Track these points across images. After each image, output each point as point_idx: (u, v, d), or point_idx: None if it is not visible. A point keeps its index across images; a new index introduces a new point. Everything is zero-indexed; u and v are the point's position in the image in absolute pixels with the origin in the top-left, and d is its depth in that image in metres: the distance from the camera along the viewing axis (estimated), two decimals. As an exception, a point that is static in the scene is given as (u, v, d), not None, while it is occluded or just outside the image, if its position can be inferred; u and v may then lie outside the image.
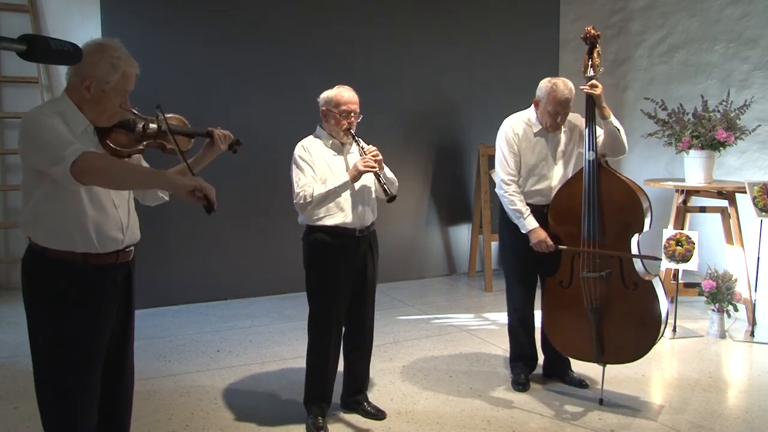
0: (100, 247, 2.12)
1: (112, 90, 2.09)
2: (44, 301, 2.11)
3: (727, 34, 5.74)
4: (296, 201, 3.01)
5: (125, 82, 2.12)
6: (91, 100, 2.10)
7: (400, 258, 6.11)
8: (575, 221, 3.33)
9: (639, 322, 3.25)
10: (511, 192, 3.45)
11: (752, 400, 3.51)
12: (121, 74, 2.09)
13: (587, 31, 3.38)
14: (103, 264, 2.14)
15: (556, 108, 3.36)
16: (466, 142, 6.37)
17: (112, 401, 2.32)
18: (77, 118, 2.09)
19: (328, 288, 3.08)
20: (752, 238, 4.75)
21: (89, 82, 2.07)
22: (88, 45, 2.07)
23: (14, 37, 1.39)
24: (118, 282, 2.22)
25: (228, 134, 2.47)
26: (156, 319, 4.86)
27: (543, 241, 3.37)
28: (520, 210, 3.43)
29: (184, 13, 5.14)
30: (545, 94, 3.38)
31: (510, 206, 3.46)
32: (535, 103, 3.47)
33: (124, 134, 2.20)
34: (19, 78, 5.54)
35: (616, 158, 3.55)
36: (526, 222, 3.42)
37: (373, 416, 3.25)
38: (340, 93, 3.08)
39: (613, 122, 3.35)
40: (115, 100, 2.11)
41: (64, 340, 2.09)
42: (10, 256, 5.64)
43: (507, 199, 3.46)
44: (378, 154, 3.01)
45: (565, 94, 3.33)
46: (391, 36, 5.93)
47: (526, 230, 3.42)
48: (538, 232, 3.39)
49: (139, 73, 2.19)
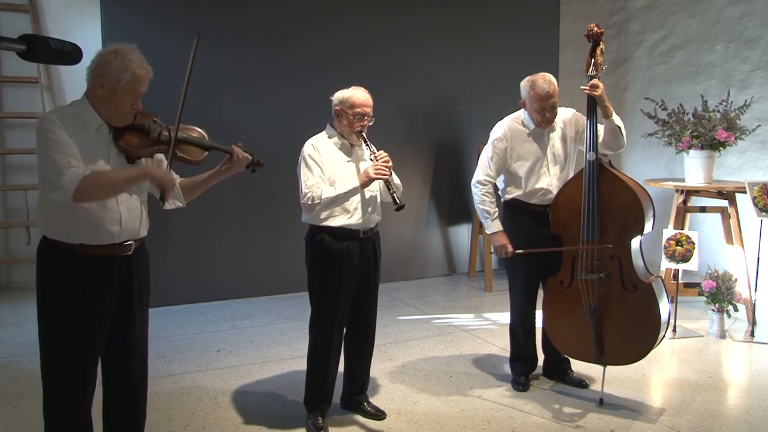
0: (95, 239, 2.23)
1: (123, 89, 2.21)
2: (46, 288, 2.25)
3: (727, 34, 5.74)
4: (303, 201, 2.99)
5: (136, 83, 2.23)
6: (104, 98, 2.22)
7: (400, 258, 6.11)
8: (575, 221, 3.32)
9: (638, 324, 3.24)
10: (484, 192, 3.51)
11: (752, 400, 3.51)
12: (132, 74, 2.21)
13: (591, 29, 3.37)
14: (99, 255, 2.24)
15: (541, 104, 3.37)
16: (466, 142, 6.37)
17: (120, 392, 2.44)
18: (92, 117, 2.23)
19: (330, 289, 3.07)
20: (752, 238, 4.75)
21: (102, 80, 2.20)
22: (106, 47, 2.25)
23: (14, 37, 1.39)
24: (114, 274, 2.29)
25: (247, 156, 2.53)
26: (156, 319, 4.80)
27: (503, 246, 3.44)
28: (488, 210, 3.49)
29: (185, 13, 5.13)
30: (527, 94, 3.41)
31: (480, 205, 3.52)
32: (522, 105, 3.49)
33: (137, 137, 2.31)
34: (19, 78, 5.54)
35: (614, 153, 3.54)
36: (492, 224, 3.49)
37: (373, 416, 3.24)
38: (355, 94, 3.06)
39: (615, 121, 3.34)
40: (125, 100, 2.23)
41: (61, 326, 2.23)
42: (10, 256, 5.63)
43: (478, 198, 3.52)
44: (389, 160, 3.00)
45: (545, 89, 3.34)
46: (392, 36, 5.93)
47: (489, 231, 3.51)
48: (499, 236, 3.47)
49: (152, 77, 2.30)
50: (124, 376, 2.43)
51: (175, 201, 2.55)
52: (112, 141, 2.27)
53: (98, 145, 2.23)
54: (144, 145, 2.31)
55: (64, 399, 2.28)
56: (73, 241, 2.21)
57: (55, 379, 2.27)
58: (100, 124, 2.24)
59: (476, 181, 3.55)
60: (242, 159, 2.51)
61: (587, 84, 3.29)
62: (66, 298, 2.22)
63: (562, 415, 3.30)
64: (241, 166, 2.53)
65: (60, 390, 2.27)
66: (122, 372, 2.42)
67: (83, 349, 2.27)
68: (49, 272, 2.24)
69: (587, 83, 3.29)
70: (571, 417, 3.28)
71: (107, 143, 2.26)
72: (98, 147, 2.23)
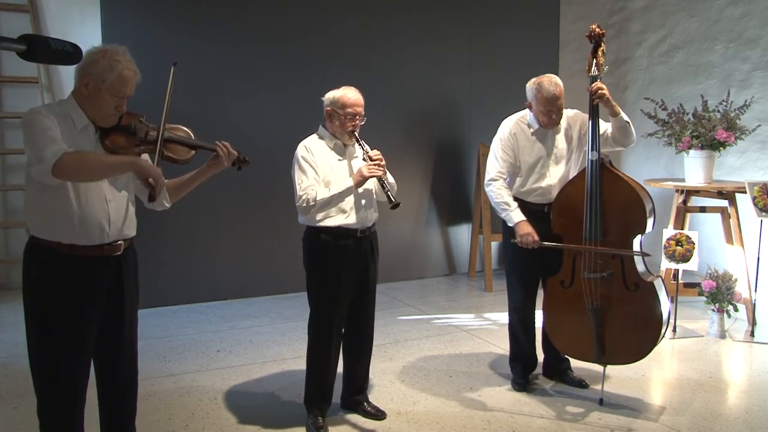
0: (83, 239, 2.21)
1: (108, 89, 2.19)
2: (34, 288, 2.24)
3: (727, 34, 5.74)
4: (299, 204, 2.99)
5: (121, 84, 2.20)
6: (89, 97, 2.21)
7: (400, 258, 6.11)
8: (577, 221, 3.32)
9: (640, 323, 3.25)
10: (499, 186, 3.48)
11: (752, 400, 3.51)
12: (117, 75, 2.18)
13: (592, 30, 3.38)
14: (87, 255, 2.23)
15: (548, 107, 3.37)
16: (466, 142, 6.37)
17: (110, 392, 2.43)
18: (78, 116, 2.21)
19: (329, 289, 3.07)
20: (752, 238, 4.75)
21: (87, 78, 2.18)
22: (96, 47, 2.22)
23: (14, 37, 1.39)
24: (103, 274, 2.28)
25: (233, 153, 2.49)
26: (156, 319, 4.85)
27: (529, 234, 3.37)
28: (507, 202, 3.45)
29: (184, 13, 5.13)
30: (533, 96, 3.41)
31: (497, 199, 3.47)
32: (528, 106, 3.49)
33: (124, 137, 2.29)
34: (19, 78, 5.54)
35: (624, 149, 3.54)
36: (512, 214, 3.43)
37: (373, 416, 3.24)
38: (346, 94, 3.05)
39: (623, 118, 3.36)
40: (109, 100, 2.21)
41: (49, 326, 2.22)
42: (10, 256, 5.64)
43: (494, 192, 3.48)
44: (382, 159, 3.00)
45: (551, 92, 3.34)
46: (392, 36, 5.93)
47: (512, 223, 3.43)
48: (524, 225, 3.39)
49: (140, 80, 2.27)
50: (114, 376, 2.41)
51: (162, 201, 2.50)
52: (99, 141, 2.25)
53: (84, 144, 2.21)
54: (130, 145, 2.29)
55: (55, 401, 2.26)
56: (62, 240, 2.19)
57: (46, 381, 2.25)
58: (86, 123, 2.22)
59: (489, 179, 3.53)
60: (228, 156, 2.46)
61: (592, 87, 3.27)
62: (54, 299, 2.20)
63: (562, 415, 3.30)
64: (227, 163, 2.47)
65: (51, 392, 2.25)
66: (112, 373, 2.41)
67: (72, 350, 2.24)
68: (37, 273, 2.22)
69: (590, 84, 3.30)
70: (571, 417, 3.28)
71: (93, 143, 2.24)
72: (84, 146, 2.20)
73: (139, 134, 2.30)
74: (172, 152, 2.38)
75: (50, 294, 2.21)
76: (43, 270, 2.21)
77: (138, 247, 2.47)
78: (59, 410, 2.27)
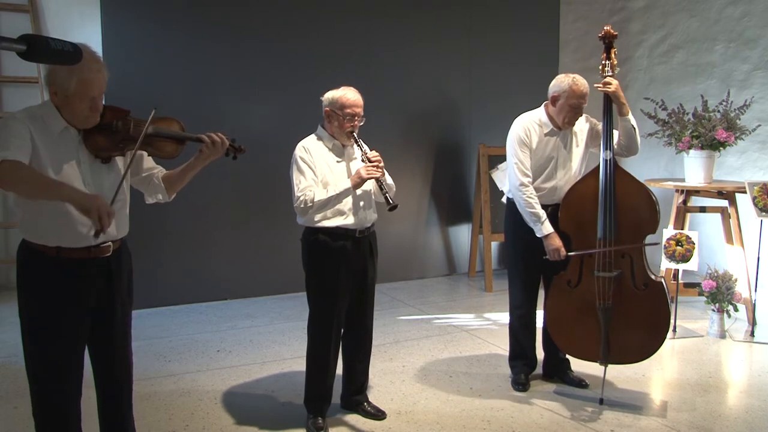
0: (70, 242, 2.19)
1: (75, 96, 2.12)
2: (25, 290, 2.23)
3: (727, 34, 5.74)
4: (296, 205, 2.99)
5: (85, 89, 2.12)
6: (61, 104, 2.15)
7: (400, 258, 6.11)
8: (586, 219, 3.33)
9: (648, 322, 3.26)
10: (529, 194, 3.40)
11: (752, 400, 3.51)
12: (78, 81, 2.10)
13: (606, 31, 3.43)
14: (75, 258, 2.20)
15: (579, 101, 3.36)
16: (466, 142, 6.37)
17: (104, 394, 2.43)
18: (56, 120, 2.16)
19: (328, 289, 3.07)
20: (752, 238, 4.75)
21: (54, 88, 2.14)
22: None
23: (14, 37, 1.39)
24: (92, 276, 2.25)
25: (224, 140, 2.40)
26: (156, 319, 4.85)
27: (558, 249, 3.34)
28: (538, 214, 3.38)
29: (184, 13, 5.13)
30: (567, 88, 3.36)
31: (527, 209, 3.39)
32: (553, 100, 3.42)
33: (104, 137, 2.23)
34: (19, 78, 5.54)
35: (627, 158, 3.56)
36: (543, 227, 3.37)
37: (373, 416, 3.25)
38: (345, 95, 3.04)
39: (630, 120, 3.37)
40: (80, 105, 2.14)
41: (39, 328, 2.22)
42: (10, 256, 5.64)
43: (524, 201, 3.39)
44: (381, 160, 3.00)
45: (586, 86, 3.38)
46: (392, 36, 5.93)
47: (541, 234, 3.37)
48: (554, 239, 3.35)
49: (107, 75, 2.18)
50: (108, 377, 2.40)
51: (157, 195, 2.48)
52: (82, 143, 2.20)
53: (66, 147, 2.16)
54: (111, 145, 2.23)
55: (49, 402, 2.26)
56: (49, 243, 2.17)
57: (38, 383, 2.24)
58: (64, 126, 2.16)
59: (519, 185, 3.41)
60: (218, 143, 2.37)
61: (600, 82, 3.35)
62: (44, 301, 2.19)
63: (562, 415, 3.30)
64: (219, 151, 2.39)
65: (44, 394, 2.25)
66: (106, 374, 2.39)
67: (62, 353, 2.23)
68: (27, 275, 2.21)
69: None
70: (571, 417, 3.28)
71: (76, 145, 2.19)
72: (66, 149, 2.16)
73: (122, 132, 2.23)
74: (156, 149, 2.32)
75: (40, 296, 2.20)
76: (32, 272, 2.21)
77: (138, 247, 2.45)
78: (53, 411, 2.26)
